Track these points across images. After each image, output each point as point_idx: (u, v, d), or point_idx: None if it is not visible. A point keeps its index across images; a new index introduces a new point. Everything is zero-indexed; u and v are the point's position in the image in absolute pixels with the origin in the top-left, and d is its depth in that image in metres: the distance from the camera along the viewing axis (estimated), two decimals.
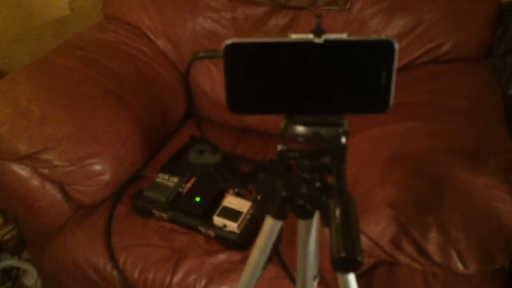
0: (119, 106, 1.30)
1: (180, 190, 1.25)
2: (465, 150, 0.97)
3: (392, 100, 0.47)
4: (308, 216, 0.61)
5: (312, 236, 0.62)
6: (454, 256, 0.86)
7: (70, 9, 1.79)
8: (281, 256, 0.79)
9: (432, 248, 0.87)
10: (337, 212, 0.40)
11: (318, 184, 0.56)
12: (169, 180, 1.25)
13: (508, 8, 1.28)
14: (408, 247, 0.89)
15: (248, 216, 1.16)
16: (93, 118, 1.24)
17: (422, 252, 0.88)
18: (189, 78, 1.54)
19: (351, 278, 0.61)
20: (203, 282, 1.11)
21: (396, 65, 0.45)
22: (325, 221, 0.56)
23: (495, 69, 1.29)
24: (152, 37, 1.54)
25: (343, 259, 0.37)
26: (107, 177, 1.24)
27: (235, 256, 1.13)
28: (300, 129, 0.50)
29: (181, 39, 1.51)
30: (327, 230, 0.42)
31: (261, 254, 0.64)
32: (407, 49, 1.31)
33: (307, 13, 1.41)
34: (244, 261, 1.05)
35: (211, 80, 1.52)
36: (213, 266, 1.12)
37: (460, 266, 0.86)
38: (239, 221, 1.13)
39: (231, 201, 1.18)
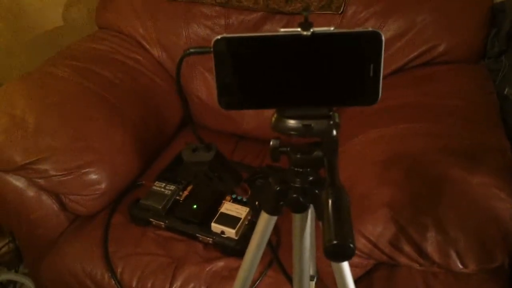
0: (113, 115, 1.30)
1: (177, 197, 1.24)
2: (461, 150, 0.97)
3: (380, 92, 0.47)
4: (302, 210, 0.60)
5: (307, 231, 0.62)
6: (453, 256, 0.85)
7: (64, 20, 1.79)
8: (279, 259, 0.78)
9: (431, 248, 0.86)
10: (330, 202, 0.39)
11: (311, 178, 0.56)
12: (166, 188, 1.25)
13: (501, 9, 1.28)
14: (407, 247, 0.88)
15: (246, 222, 1.16)
16: (88, 127, 1.24)
17: (421, 252, 0.87)
18: (185, 85, 1.54)
19: (346, 268, 0.60)
20: None
21: (383, 56, 0.45)
22: (319, 215, 0.55)
23: (490, 70, 1.29)
24: (146, 45, 1.54)
25: (335, 246, 0.37)
26: (103, 186, 1.23)
27: (233, 262, 1.12)
28: (291, 123, 0.50)
29: (175, 47, 1.51)
30: (321, 224, 0.42)
31: (256, 250, 0.64)
32: (402, 51, 1.32)
33: (301, 18, 1.41)
34: None
35: (207, 87, 1.52)
36: (212, 273, 1.11)
37: (460, 265, 0.85)
38: (237, 227, 1.12)
39: (229, 207, 1.18)
